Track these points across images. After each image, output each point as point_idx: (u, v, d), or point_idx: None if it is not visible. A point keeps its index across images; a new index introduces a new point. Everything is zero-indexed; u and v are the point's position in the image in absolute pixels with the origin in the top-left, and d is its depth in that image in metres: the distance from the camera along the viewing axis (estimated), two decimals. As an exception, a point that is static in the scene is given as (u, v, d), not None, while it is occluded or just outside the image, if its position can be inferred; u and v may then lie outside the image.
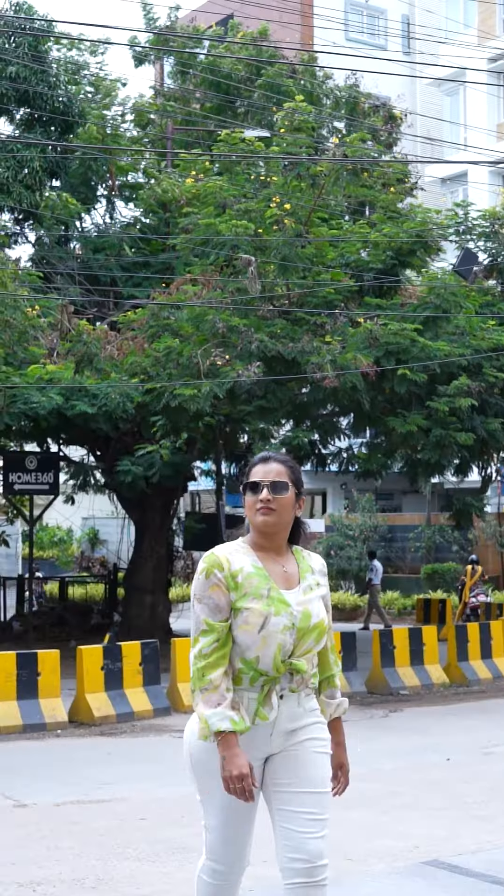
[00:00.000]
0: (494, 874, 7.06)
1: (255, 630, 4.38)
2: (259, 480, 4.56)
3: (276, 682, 4.44)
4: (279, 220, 17.94)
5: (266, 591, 4.44)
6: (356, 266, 18.89)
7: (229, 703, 4.33)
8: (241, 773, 4.29)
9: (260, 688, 4.42)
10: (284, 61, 24.70)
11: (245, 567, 4.48)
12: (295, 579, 4.58)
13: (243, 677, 4.42)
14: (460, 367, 17.69)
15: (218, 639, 4.39)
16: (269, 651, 4.38)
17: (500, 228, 20.86)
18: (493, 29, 42.63)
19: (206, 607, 4.44)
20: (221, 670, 4.37)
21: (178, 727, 14.17)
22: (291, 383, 18.01)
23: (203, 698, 4.36)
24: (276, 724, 4.43)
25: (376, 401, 18.10)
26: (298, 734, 4.49)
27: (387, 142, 23.56)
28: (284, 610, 4.43)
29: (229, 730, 4.30)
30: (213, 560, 4.49)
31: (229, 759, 4.31)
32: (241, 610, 4.40)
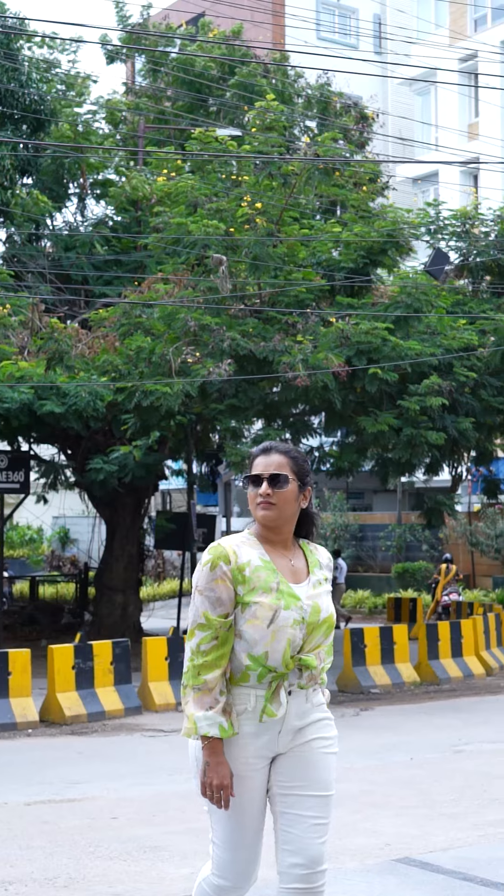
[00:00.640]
0: (465, 871, 7.09)
1: (265, 625, 4.25)
2: (259, 473, 4.44)
3: (284, 679, 4.31)
4: (251, 220, 17.96)
5: (275, 584, 4.31)
6: (327, 265, 18.93)
7: (221, 708, 4.23)
8: (221, 782, 4.23)
9: (268, 685, 4.30)
10: (257, 60, 24.70)
11: (253, 560, 4.35)
12: (303, 573, 4.46)
13: (250, 674, 4.29)
14: (431, 367, 17.75)
15: (216, 636, 4.25)
16: (279, 646, 4.26)
17: (471, 228, 20.95)
18: (464, 29, 42.77)
19: (207, 600, 4.28)
20: (219, 672, 4.25)
21: (150, 726, 14.18)
22: (263, 382, 18.03)
23: (195, 697, 4.24)
24: (284, 721, 4.32)
25: (347, 400, 18.14)
26: (306, 732, 4.38)
27: (358, 141, 23.59)
28: (294, 604, 4.30)
29: (216, 736, 4.21)
30: (219, 552, 4.34)
31: (213, 766, 4.24)
32: (250, 604, 4.27)
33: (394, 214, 19.36)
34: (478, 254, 20.61)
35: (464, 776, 10.64)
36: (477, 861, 7.35)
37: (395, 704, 16.05)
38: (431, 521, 20.52)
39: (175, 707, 15.42)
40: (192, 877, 7.14)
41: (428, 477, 21.17)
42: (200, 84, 24.54)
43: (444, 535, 34.98)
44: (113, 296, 20.77)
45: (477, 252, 20.64)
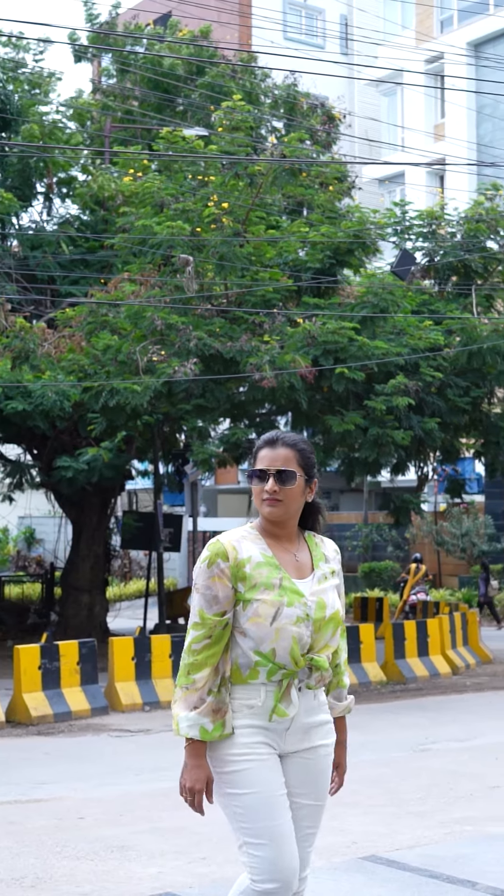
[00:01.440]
0: (431, 869, 7.12)
1: (267, 622, 4.08)
2: (265, 468, 4.23)
3: (294, 677, 4.14)
4: (217, 219, 17.96)
5: (277, 580, 4.14)
6: (294, 265, 18.95)
7: (207, 709, 4.08)
8: (193, 786, 4.11)
9: (278, 683, 4.12)
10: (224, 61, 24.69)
11: (254, 556, 4.17)
12: (307, 568, 4.28)
13: (260, 670, 4.11)
14: (398, 367, 17.80)
15: (209, 635, 4.09)
16: (285, 644, 4.09)
17: (437, 229, 21.02)
18: (430, 30, 42.90)
19: (203, 598, 4.12)
20: (208, 671, 4.09)
21: (116, 726, 14.16)
22: (230, 382, 18.04)
23: (182, 696, 4.12)
24: (294, 719, 4.16)
25: (314, 399, 18.17)
26: (312, 736, 4.22)
27: (325, 142, 23.63)
28: (297, 600, 4.13)
29: (197, 738, 4.08)
30: (217, 548, 4.18)
31: (190, 768, 4.13)
32: (251, 601, 4.10)
33: (360, 215, 19.40)
34: (444, 254, 20.69)
35: (430, 774, 10.68)
36: (443, 858, 7.39)
37: (362, 704, 16.09)
38: (399, 520, 20.59)
39: (141, 707, 15.41)
40: (159, 876, 7.15)
41: (394, 476, 21.24)
42: (168, 84, 24.51)
43: (411, 535, 35.10)
44: (79, 295, 20.73)
45: (443, 252, 20.72)
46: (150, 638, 16.21)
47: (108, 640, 16.60)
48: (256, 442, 4.38)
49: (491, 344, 18.32)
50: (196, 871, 7.30)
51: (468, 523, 34.19)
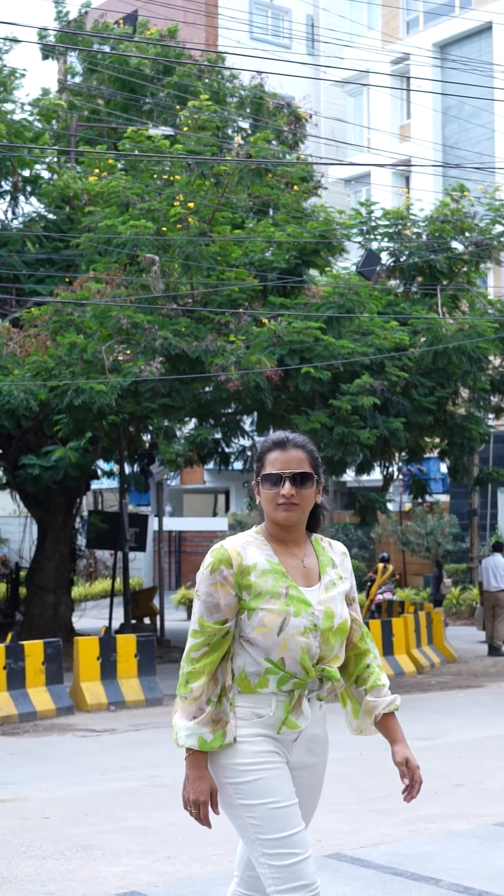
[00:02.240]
0: (395, 866, 7.16)
1: (274, 633, 3.93)
2: (280, 472, 4.06)
3: (305, 687, 4.01)
4: (183, 219, 17.96)
5: (284, 589, 3.99)
6: (260, 265, 18.98)
7: (206, 719, 3.94)
8: (197, 799, 3.99)
9: (289, 693, 3.99)
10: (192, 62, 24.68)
11: (259, 563, 4.03)
12: (315, 575, 4.12)
13: (270, 678, 3.97)
14: (363, 366, 17.85)
15: (208, 643, 3.97)
16: (294, 654, 3.95)
17: (402, 229, 21.10)
18: (396, 31, 43.03)
19: (204, 605, 3.99)
20: (205, 679, 3.96)
21: (81, 726, 14.14)
22: (195, 382, 18.05)
23: (181, 706, 3.99)
24: (302, 731, 4.05)
25: (280, 399, 18.20)
26: (316, 750, 4.12)
27: (291, 142, 23.66)
28: (305, 610, 3.98)
29: (195, 748, 3.95)
30: (221, 554, 4.02)
31: (192, 780, 4.01)
32: (256, 610, 3.96)
33: (326, 215, 19.45)
34: (409, 255, 20.76)
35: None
36: (407, 856, 7.43)
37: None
38: (365, 519, 20.65)
39: (107, 707, 15.40)
40: (124, 875, 7.15)
41: (359, 476, 21.30)
42: (134, 83, 24.48)
43: (376, 535, 35.20)
44: (44, 294, 20.68)
45: (408, 253, 20.80)
46: (116, 638, 16.21)
47: (73, 639, 16.58)
48: (260, 445, 4.23)
49: (456, 344, 18.41)
50: (161, 869, 7.31)
51: (433, 523, 34.30)
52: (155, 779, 10.63)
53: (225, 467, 24.69)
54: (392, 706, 4.24)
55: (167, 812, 9.02)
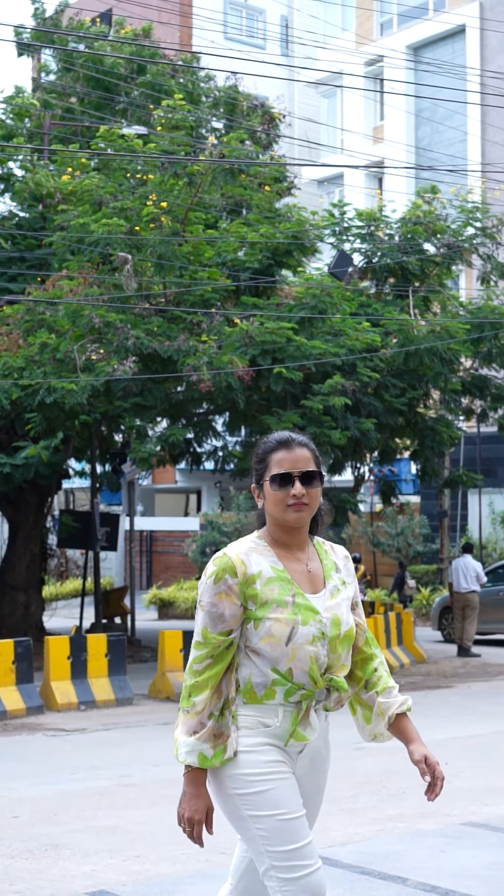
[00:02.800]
0: (363, 865, 7.20)
1: (282, 642, 3.81)
2: (290, 472, 3.95)
3: (312, 698, 3.90)
4: (156, 219, 17.97)
5: (290, 597, 3.87)
6: (233, 265, 19.01)
7: (207, 734, 3.82)
8: (192, 817, 3.86)
9: (297, 704, 3.87)
10: (166, 62, 24.68)
11: (264, 570, 3.90)
12: (320, 580, 4.00)
13: (277, 690, 3.85)
14: (335, 367, 17.90)
15: (212, 655, 3.84)
16: (302, 665, 3.83)
17: (375, 231, 21.17)
18: (370, 33, 43.14)
19: (208, 616, 3.86)
20: (208, 693, 3.83)
21: (51, 725, 14.13)
22: (167, 381, 18.05)
23: (183, 720, 3.86)
24: (308, 743, 3.95)
25: (252, 399, 18.23)
26: (318, 763, 4.02)
27: (265, 142, 23.70)
28: (312, 618, 3.87)
29: (195, 765, 3.82)
30: (224, 563, 3.88)
31: (189, 797, 3.87)
32: (263, 620, 3.84)
33: (298, 216, 19.49)
34: (381, 256, 20.83)
35: (364, 773, 10.77)
36: (375, 855, 7.47)
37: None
38: (336, 520, 20.70)
39: (77, 707, 15.38)
40: (93, 874, 7.16)
41: (331, 477, 21.34)
42: (109, 82, 24.46)
43: (347, 536, 35.28)
44: (16, 293, 20.63)
45: (381, 254, 20.87)
46: (86, 637, 16.21)
47: (43, 639, 16.55)
48: (260, 446, 4.09)
49: (428, 345, 18.49)
50: (130, 868, 7.32)
51: (403, 524, 34.41)
52: (125, 778, 10.64)
53: (196, 467, 24.70)
54: (405, 706, 4.13)
55: (137, 811, 9.04)
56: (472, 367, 21.66)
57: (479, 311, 20.64)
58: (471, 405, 22.86)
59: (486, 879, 6.88)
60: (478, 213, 21.17)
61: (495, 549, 33.85)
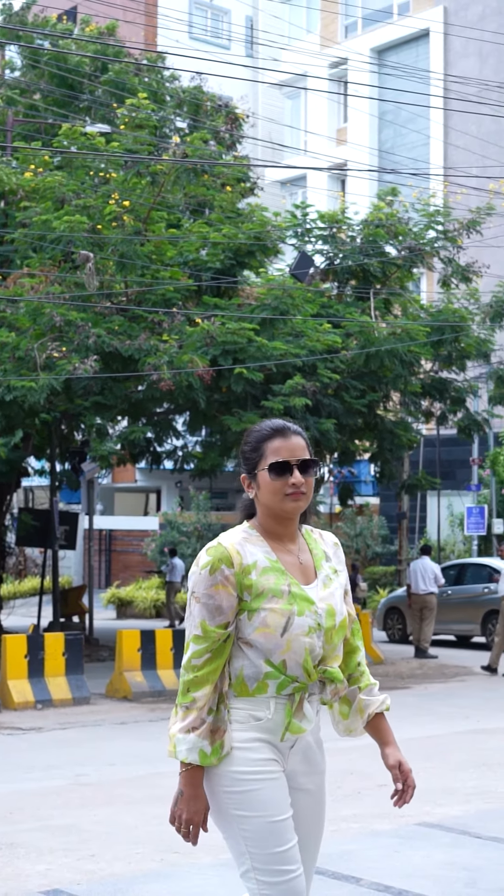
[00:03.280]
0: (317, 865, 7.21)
1: (277, 633, 3.71)
2: (289, 460, 3.84)
3: (306, 690, 3.79)
4: (118, 217, 17.94)
5: (286, 587, 3.76)
6: (195, 265, 19.01)
7: (206, 730, 3.68)
8: (191, 819, 3.73)
9: (289, 696, 3.76)
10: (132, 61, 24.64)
11: (259, 560, 3.79)
12: (311, 570, 3.90)
13: (269, 683, 3.74)
14: (296, 368, 17.94)
15: (211, 649, 3.71)
16: (297, 656, 3.73)
17: (337, 233, 21.23)
18: (334, 35, 43.25)
19: (205, 608, 3.72)
20: (210, 688, 3.71)
21: (8, 724, 14.08)
22: (128, 380, 18.04)
23: (181, 717, 3.71)
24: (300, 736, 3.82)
25: (212, 399, 18.24)
26: (313, 759, 3.89)
27: (228, 142, 23.72)
28: (308, 608, 3.76)
29: (196, 763, 3.68)
30: (220, 553, 3.77)
31: (187, 797, 3.72)
32: (258, 611, 3.72)
33: (260, 217, 19.52)
34: (343, 258, 20.90)
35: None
36: (329, 855, 7.49)
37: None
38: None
39: (34, 705, 15.35)
40: (47, 873, 7.16)
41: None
42: (73, 80, 24.40)
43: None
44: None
45: (342, 256, 20.93)
46: (44, 636, 16.17)
47: (0, 637, 16.50)
48: (252, 434, 3.97)
49: (388, 347, 18.56)
50: (84, 867, 7.32)
51: (362, 525, 34.50)
52: (81, 777, 10.63)
53: (156, 466, 24.68)
54: (384, 706, 4.06)
55: (92, 811, 9.04)
56: (432, 370, 21.76)
57: (440, 313, 20.75)
58: (430, 407, 22.97)
59: (438, 879, 6.93)
60: (439, 217, 21.28)
61: (454, 550, 34.02)
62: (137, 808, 9.08)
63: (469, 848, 7.70)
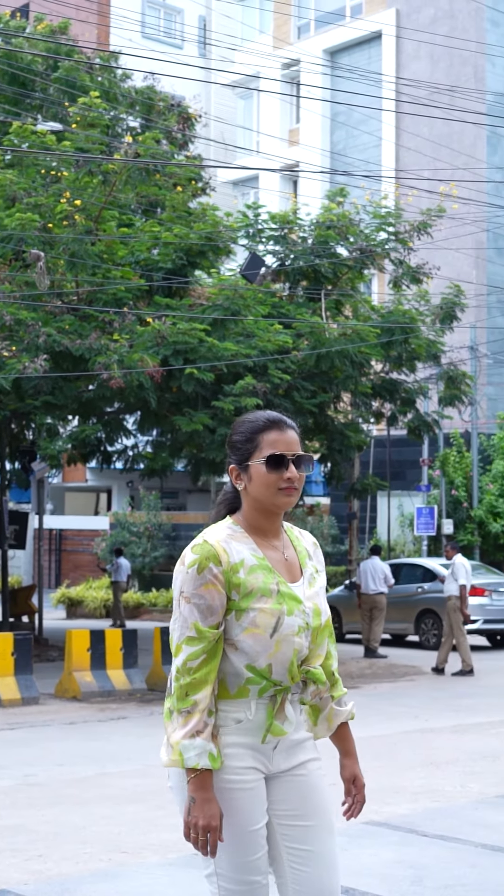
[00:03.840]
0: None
1: (267, 634, 3.59)
2: (285, 454, 3.70)
3: (288, 692, 3.68)
4: (69, 216, 17.90)
5: (275, 586, 3.64)
6: (146, 265, 18.99)
7: (210, 733, 3.54)
8: (209, 823, 3.51)
9: (270, 698, 3.65)
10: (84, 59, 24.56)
11: (246, 558, 3.64)
12: (297, 568, 3.78)
13: (251, 688, 3.62)
14: (246, 368, 17.97)
15: (207, 650, 3.57)
16: (284, 658, 3.62)
17: (288, 233, 21.28)
18: (287, 36, 43.32)
19: (196, 609, 3.57)
20: (209, 689, 3.56)
21: (-44, 724, 14.02)
22: (79, 380, 18.00)
23: (182, 722, 3.54)
24: (283, 738, 3.70)
25: (163, 399, 18.24)
26: (299, 752, 3.75)
27: (180, 142, 23.71)
28: (297, 608, 3.66)
29: (206, 768, 3.52)
30: (207, 550, 3.61)
31: (199, 803, 3.53)
32: (247, 611, 3.59)
33: (212, 217, 19.53)
34: (294, 259, 20.95)
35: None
36: (277, 854, 7.52)
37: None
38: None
39: (-18, 705, 15.28)
40: (-6, 873, 7.13)
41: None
42: (24, 77, 24.28)
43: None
44: None
45: (294, 257, 20.98)
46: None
47: None
48: (245, 424, 3.82)
49: (339, 348, 18.63)
50: (32, 868, 7.30)
51: (312, 524, 34.56)
52: (29, 777, 10.59)
53: (107, 466, 24.65)
54: (350, 715, 3.95)
55: (40, 811, 9.01)
56: (382, 371, 21.85)
57: (390, 315, 20.85)
58: (381, 408, 23.05)
59: (386, 877, 6.98)
60: (391, 219, 21.37)
61: (403, 550, 34.19)
62: (86, 809, 9.07)
63: (416, 846, 7.75)
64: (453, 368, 22.86)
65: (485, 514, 32.59)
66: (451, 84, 33.32)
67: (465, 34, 37.12)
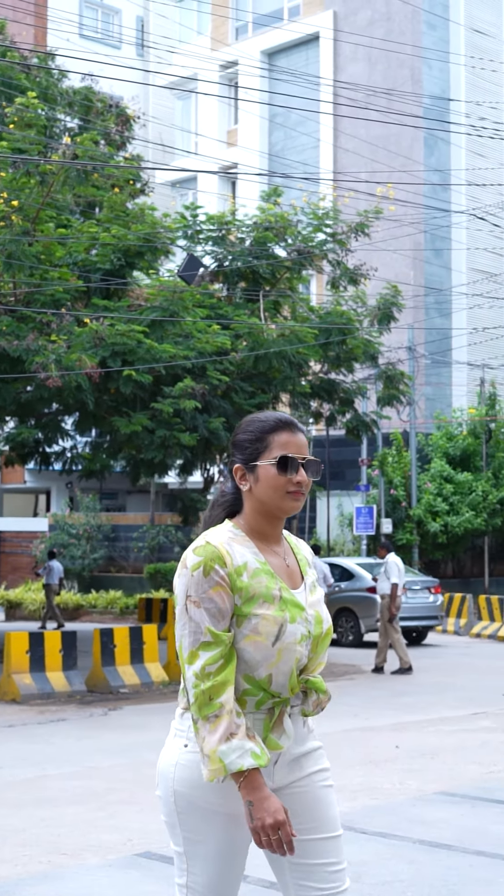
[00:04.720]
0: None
1: (269, 642, 3.43)
2: (296, 457, 3.55)
3: (286, 704, 3.52)
4: (6, 217, 17.81)
5: (277, 591, 3.50)
6: (84, 266, 18.94)
7: (245, 732, 3.36)
8: (276, 820, 3.32)
9: (268, 711, 3.50)
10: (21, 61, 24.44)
11: (249, 562, 3.50)
12: (298, 575, 3.66)
13: (248, 700, 3.46)
14: (185, 370, 17.98)
15: (224, 654, 3.39)
16: (285, 667, 3.47)
17: (227, 234, 21.32)
18: (225, 37, 43.35)
19: (207, 613, 3.40)
20: (231, 690, 3.38)
21: None
22: (16, 381, 17.92)
23: (211, 728, 3.34)
24: (283, 752, 3.55)
25: (101, 400, 18.21)
26: (303, 764, 3.61)
27: (119, 143, 23.66)
28: (299, 615, 3.51)
29: (252, 766, 3.32)
30: (211, 552, 3.46)
31: (259, 803, 3.32)
32: (249, 617, 3.43)
33: (150, 217, 19.52)
34: (233, 260, 20.99)
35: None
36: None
37: (144, 704, 16.20)
38: (187, 520, 20.77)
39: None
40: None
41: (183, 478, 21.41)
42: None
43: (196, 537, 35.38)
44: None
45: (232, 258, 21.02)
46: None
47: None
48: (253, 424, 3.66)
49: (277, 349, 18.69)
50: (-29, 871, 7.28)
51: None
52: (-33, 781, 10.55)
53: (46, 467, 24.54)
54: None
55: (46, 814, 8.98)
56: (320, 371, 21.95)
57: (328, 315, 20.96)
58: (319, 408, 23.16)
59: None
60: (328, 220, 21.48)
61: (343, 550, 34.34)
62: (25, 811, 9.04)
63: (355, 843, 7.80)
64: (391, 368, 23.01)
65: (423, 513, 32.80)
66: (389, 86, 33.55)
67: (402, 37, 37.36)
